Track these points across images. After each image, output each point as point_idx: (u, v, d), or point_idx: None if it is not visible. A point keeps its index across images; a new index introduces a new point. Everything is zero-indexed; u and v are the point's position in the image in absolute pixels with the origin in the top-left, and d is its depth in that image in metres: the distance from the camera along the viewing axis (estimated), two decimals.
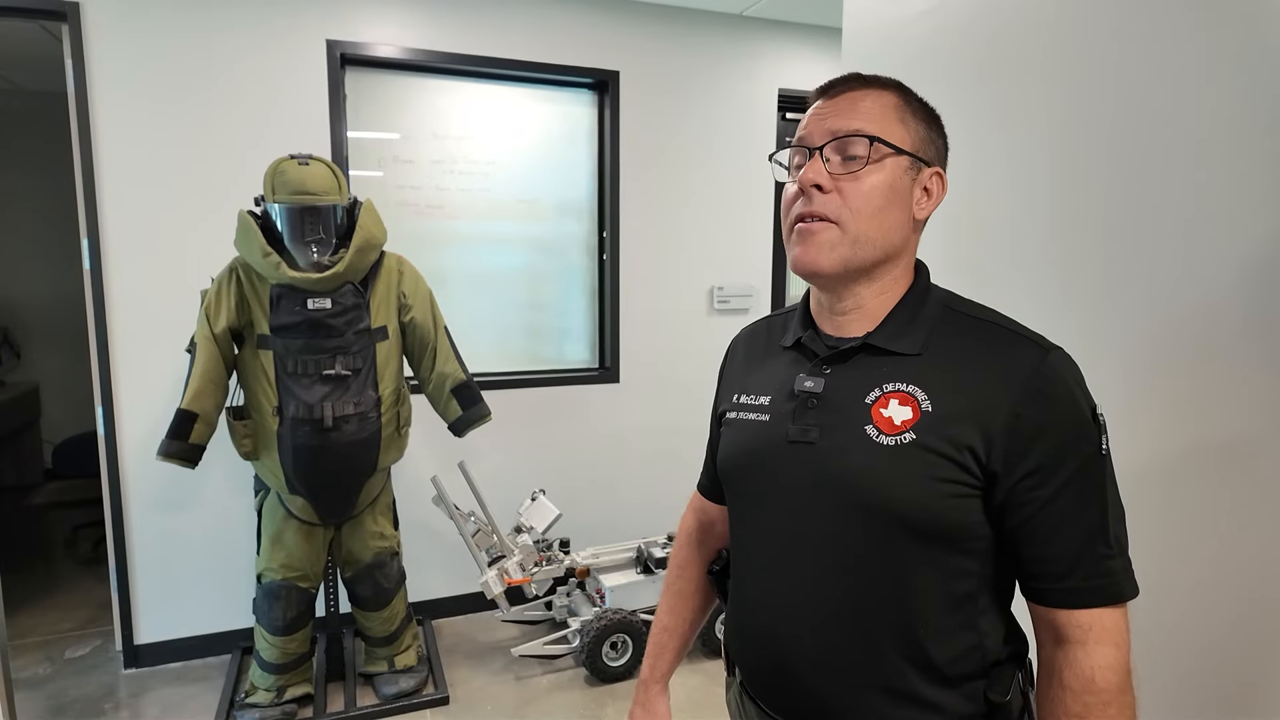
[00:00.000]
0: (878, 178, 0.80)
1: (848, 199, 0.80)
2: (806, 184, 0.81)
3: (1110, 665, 0.74)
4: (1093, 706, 0.74)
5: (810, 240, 0.81)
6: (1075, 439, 0.75)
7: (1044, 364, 0.76)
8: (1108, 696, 0.74)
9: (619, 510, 3.28)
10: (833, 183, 0.80)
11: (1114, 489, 0.78)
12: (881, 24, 1.64)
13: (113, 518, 2.60)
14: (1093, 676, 0.74)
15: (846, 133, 0.80)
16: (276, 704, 2.31)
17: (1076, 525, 0.75)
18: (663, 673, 1.07)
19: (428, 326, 2.35)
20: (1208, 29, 1.04)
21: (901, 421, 0.78)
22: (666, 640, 1.08)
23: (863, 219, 0.80)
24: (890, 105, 0.82)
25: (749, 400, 0.91)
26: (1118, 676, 0.75)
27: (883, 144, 0.80)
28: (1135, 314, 1.15)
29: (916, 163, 0.83)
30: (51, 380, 4.61)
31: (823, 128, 0.82)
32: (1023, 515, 0.76)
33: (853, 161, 0.80)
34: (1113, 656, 0.75)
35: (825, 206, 0.80)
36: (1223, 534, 1.04)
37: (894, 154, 0.81)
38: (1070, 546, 0.75)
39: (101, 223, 2.47)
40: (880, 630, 0.80)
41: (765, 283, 3.46)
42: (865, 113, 0.81)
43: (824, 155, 0.81)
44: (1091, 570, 0.75)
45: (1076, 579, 0.75)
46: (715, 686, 2.56)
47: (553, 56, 2.96)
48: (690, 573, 1.10)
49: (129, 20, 2.45)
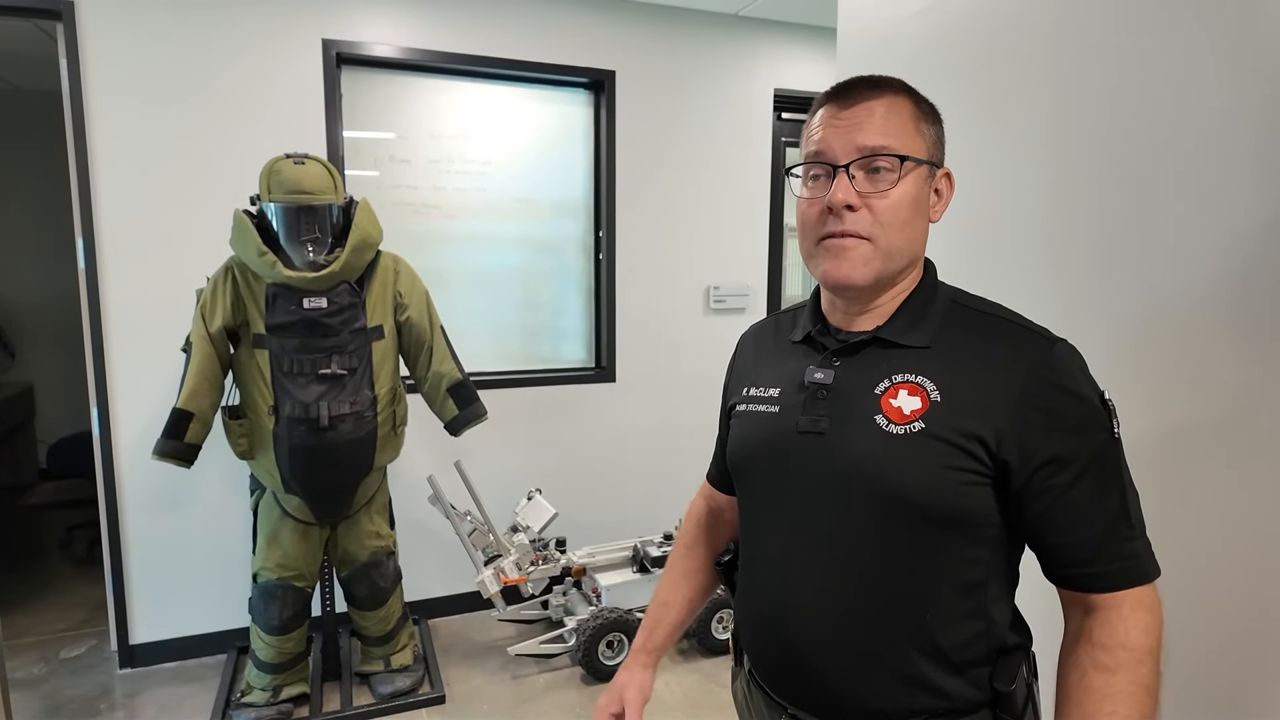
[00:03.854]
0: (904, 192, 0.81)
1: (878, 215, 0.81)
2: (838, 205, 0.81)
3: (1145, 628, 0.75)
4: (1125, 662, 0.74)
5: (844, 255, 0.82)
6: (1088, 425, 0.77)
7: (1050, 355, 0.78)
8: (1140, 655, 0.74)
9: (615, 509, 3.28)
10: (862, 201, 0.81)
11: (1128, 472, 0.79)
12: (877, 24, 1.65)
13: (108, 518, 2.59)
14: (1127, 633, 0.75)
15: (873, 149, 0.80)
16: (272, 704, 2.30)
17: (1098, 510, 0.77)
18: (655, 645, 1.08)
19: (424, 326, 2.35)
20: (1201, 29, 1.05)
21: (911, 411, 0.79)
22: (663, 614, 1.09)
23: (893, 232, 0.81)
24: (906, 114, 0.83)
25: (759, 393, 0.92)
26: (1151, 639, 0.75)
27: (910, 160, 0.81)
28: (1127, 310, 1.15)
29: (933, 169, 0.85)
30: (46, 380, 4.60)
31: (846, 143, 0.81)
32: (1043, 504, 0.77)
33: (878, 177, 0.81)
34: (1147, 620, 0.76)
35: (858, 225, 0.81)
36: (1210, 521, 1.05)
37: (915, 166, 0.82)
38: (1094, 531, 0.77)
39: (96, 222, 2.47)
40: (889, 617, 0.81)
41: (761, 282, 3.47)
42: (884, 125, 0.81)
43: (849, 172, 0.81)
44: (1116, 553, 0.77)
45: (1103, 563, 0.77)
46: (713, 685, 2.56)
47: (549, 56, 2.96)
48: (697, 553, 1.11)
49: (124, 19, 2.44)
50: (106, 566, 2.63)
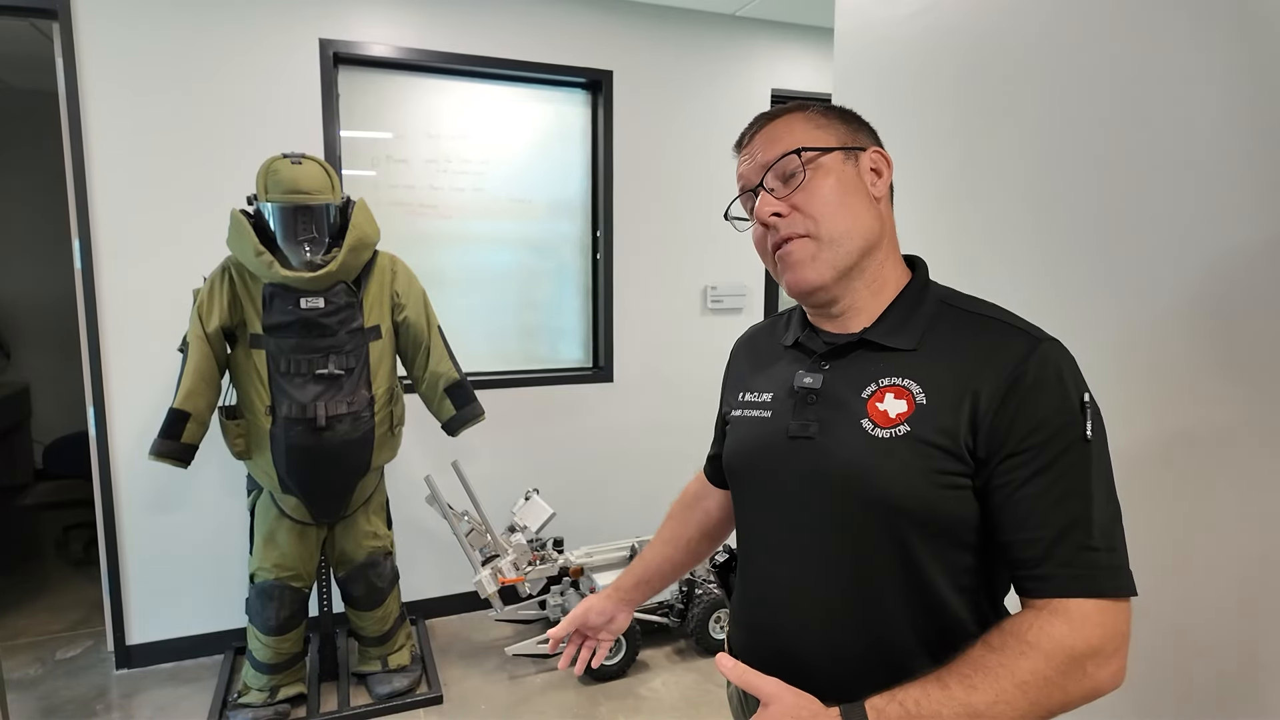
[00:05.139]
0: (819, 180, 0.84)
1: (805, 209, 0.83)
2: (764, 216, 0.85)
3: (1054, 636, 0.70)
4: (1008, 647, 0.70)
5: (793, 261, 0.84)
6: (1057, 424, 0.74)
7: (1034, 353, 0.77)
8: (1027, 650, 0.70)
9: (612, 509, 3.29)
10: (786, 205, 0.84)
11: (1105, 483, 0.76)
12: (873, 24, 1.65)
13: (104, 518, 2.59)
14: (1029, 628, 0.71)
15: (775, 158, 0.85)
16: (269, 704, 2.30)
17: (1054, 510, 0.73)
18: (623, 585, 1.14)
19: (421, 326, 2.35)
20: (1197, 32, 1.05)
21: (896, 414, 0.79)
22: (634, 564, 1.16)
23: (827, 220, 0.83)
24: (799, 121, 0.87)
25: (752, 398, 0.93)
26: (1052, 644, 0.69)
27: (810, 150, 0.84)
28: (1118, 313, 1.16)
29: (851, 152, 0.86)
30: (42, 380, 4.59)
31: (754, 167, 0.87)
32: (1000, 497, 0.75)
33: (793, 179, 0.84)
34: (1063, 630, 0.70)
35: (792, 227, 0.84)
36: (1204, 528, 1.05)
37: (824, 153, 0.84)
38: (1046, 532, 0.73)
39: (93, 222, 2.46)
40: (879, 623, 0.81)
41: (758, 282, 3.47)
42: (782, 136, 0.86)
43: (766, 187, 0.86)
44: (1069, 559, 0.72)
45: (1051, 565, 0.72)
46: (710, 685, 2.56)
47: (546, 56, 2.97)
48: (669, 526, 1.17)
49: (120, 18, 2.44)
50: (103, 567, 2.62)
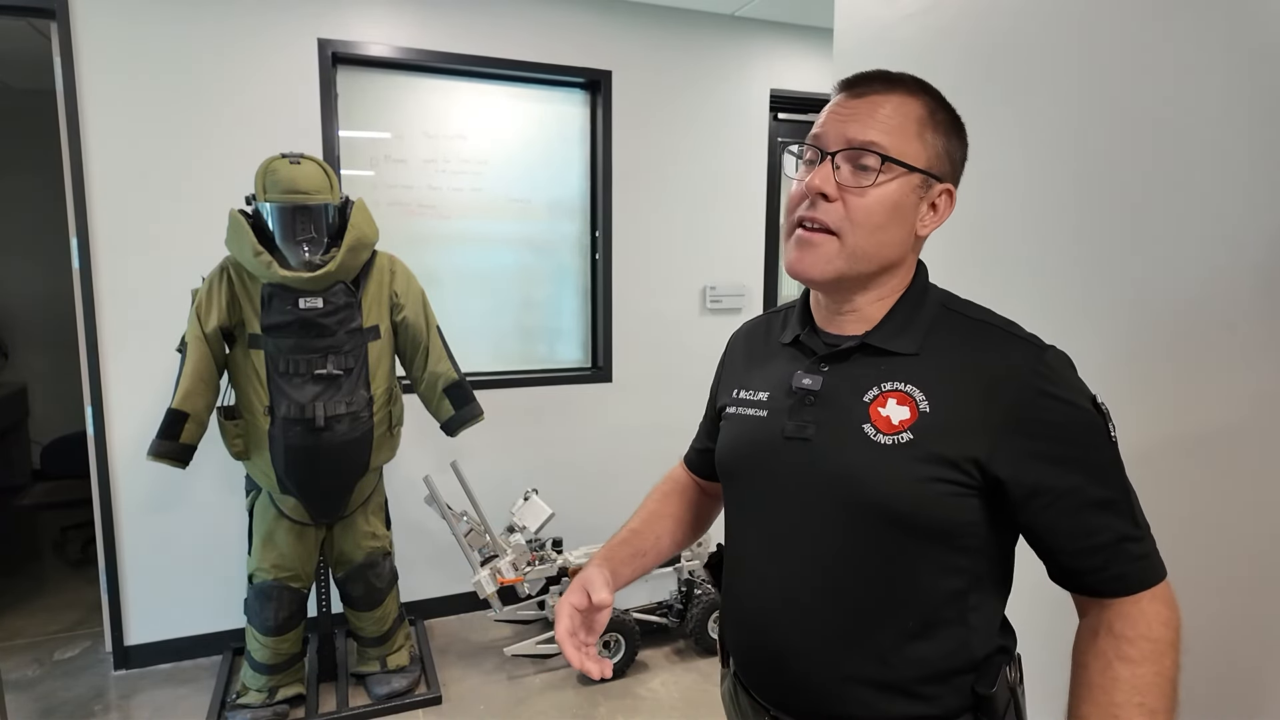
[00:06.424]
0: (883, 194, 0.79)
1: (851, 211, 0.79)
2: (813, 190, 0.80)
3: (1165, 621, 0.76)
4: (1149, 654, 0.74)
5: (807, 249, 0.81)
6: (1085, 434, 0.76)
7: (1040, 363, 0.77)
8: (1163, 647, 0.75)
9: (611, 510, 3.27)
10: (839, 193, 0.80)
11: (1125, 472, 0.79)
12: (872, 24, 1.65)
13: (102, 518, 2.58)
14: (1150, 626, 0.75)
15: (860, 144, 0.79)
16: (268, 705, 2.30)
17: (1108, 518, 0.76)
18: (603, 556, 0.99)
19: (420, 326, 2.35)
20: (1197, 32, 1.05)
21: (899, 421, 0.78)
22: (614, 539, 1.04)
23: (862, 234, 0.80)
24: (912, 117, 0.81)
25: (748, 396, 0.92)
26: (1171, 632, 0.76)
27: (894, 163, 0.79)
28: (1114, 314, 1.16)
29: (928, 179, 0.81)
30: (40, 380, 4.57)
31: (840, 131, 0.80)
32: (1049, 518, 0.77)
33: (862, 174, 0.79)
34: (1167, 614, 0.76)
35: (828, 215, 0.80)
36: (1204, 529, 1.05)
37: (905, 172, 0.80)
38: (1105, 539, 0.76)
39: (91, 222, 2.46)
40: (870, 624, 0.80)
41: (757, 282, 3.47)
42: (884, 123, 0.79)
43: (835, 162, 0.80)
44: (1129, 555, 0.76)
45: (1118, 566, 0.76)
46: (709, 685, 2.56)
47: (545, 56, 2.96)
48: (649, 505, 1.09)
49: (118, 18, 2.43)
50: (101, 567, 2.62)
